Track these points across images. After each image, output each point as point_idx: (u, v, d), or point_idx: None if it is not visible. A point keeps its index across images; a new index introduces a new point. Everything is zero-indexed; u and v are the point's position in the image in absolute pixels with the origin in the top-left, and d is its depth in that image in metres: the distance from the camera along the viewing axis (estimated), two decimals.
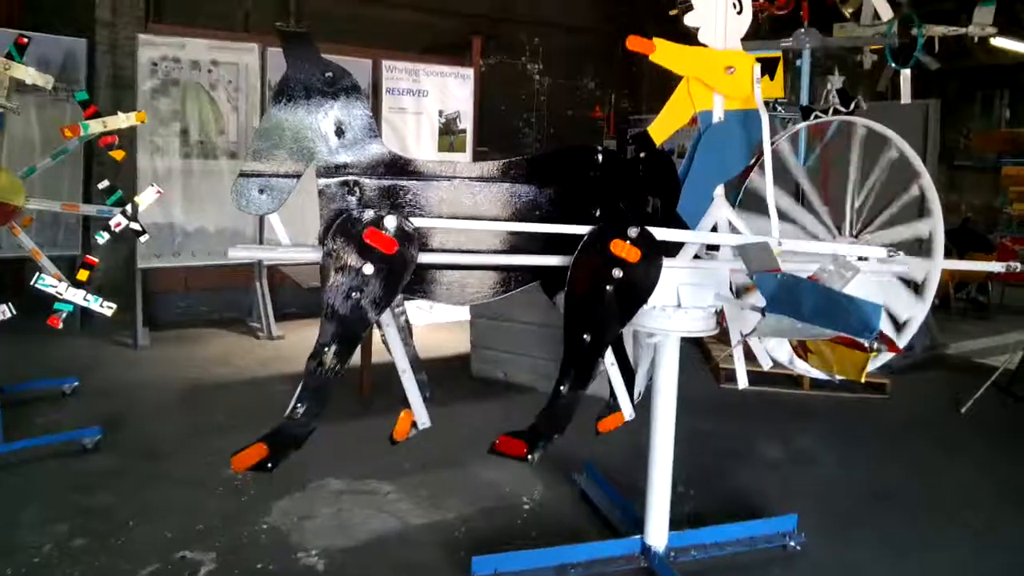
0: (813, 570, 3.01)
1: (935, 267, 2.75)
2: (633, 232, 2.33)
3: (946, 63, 6.00)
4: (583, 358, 2.39)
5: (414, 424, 2.44)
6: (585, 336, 2.36)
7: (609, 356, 2.61)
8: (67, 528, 3.10)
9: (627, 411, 2.69)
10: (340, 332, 2.16)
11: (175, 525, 3.15)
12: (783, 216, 2.95)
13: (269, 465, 2.15)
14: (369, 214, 2.17)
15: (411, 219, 2.25)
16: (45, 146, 5.90)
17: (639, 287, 2.38)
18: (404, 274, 2.19)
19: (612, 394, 2.72)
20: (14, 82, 3.62)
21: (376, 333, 2.47)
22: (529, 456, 2.34)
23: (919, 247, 2.86)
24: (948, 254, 2.77)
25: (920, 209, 2.84)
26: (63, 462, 3.72)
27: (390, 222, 2.16)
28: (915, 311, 2.79)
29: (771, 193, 2.63)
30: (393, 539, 3.13)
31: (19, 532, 3.05)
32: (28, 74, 3.57)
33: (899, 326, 2.80)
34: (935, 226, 2.76)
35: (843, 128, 3.05)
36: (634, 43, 2.35)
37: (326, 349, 2.16)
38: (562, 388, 2.39)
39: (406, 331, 2.49)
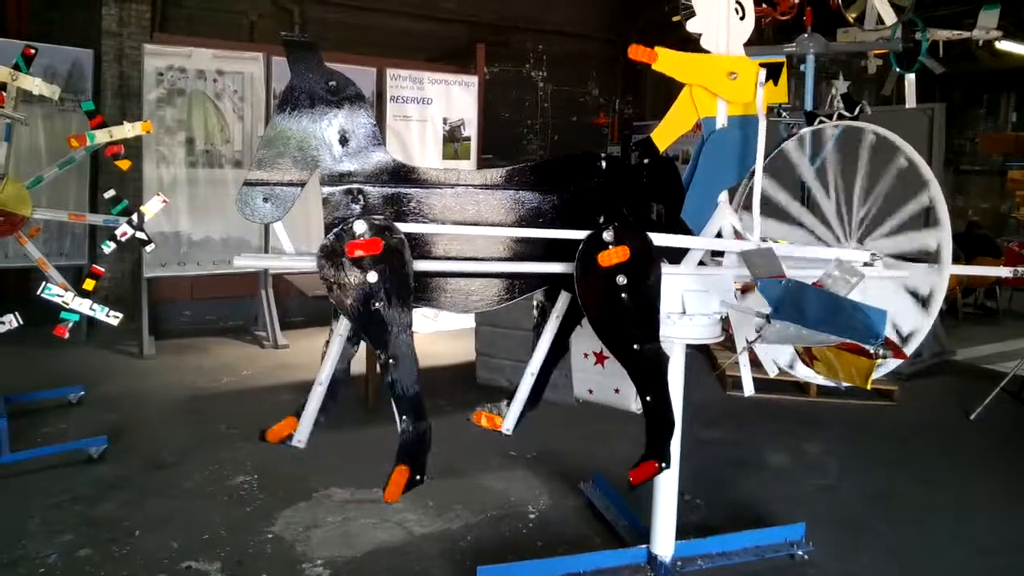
0: None
1: (942, 279, 2.72)
2: (608, 236, 2.30)
3: (951, 67, 6.00)
4: (646, 366, 2.38)
5: (290, 436, 2.38)
6: (635, 346, 2.36)
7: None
8: (73, 538, 3.10)
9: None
10: (387, 339, 2.20)
11: (181, 535, 3.14)
12: (787, 219, 2.95)
13: (418, 477, 2.28)
14: (338, 233, 2.16)
15: (408, 225, 2.26)
16: (52, 156, 5.93)
17: (648, 277, 2.35)
18: (404, 261, 2.20)
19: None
20: (21, 92, 3.64)
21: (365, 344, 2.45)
22: (663, 465, 2.43)
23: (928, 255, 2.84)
24: (955, 259, 2.75)
25: (927, 218, 2.81)
26: (69, 472, 3.72)
27: (359, 227, 2.15)
28: (921, 323, 2.77)
29: (758, 199, 2.62)
30: (398, 549, 3.12)
31: (25, 542, 3.05)
32: (35, 84, 3.59)
33: (904, 338, 2.78)
34: (943, 237, 2.73)
35: (852, 133, 3.04)
36: (636, 52, 2.35)
37: (390, 362, 2.22)
38: (648, 400, 2.41)
39: (353, 346, 2.46)
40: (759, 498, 3.67)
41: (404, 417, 2.25)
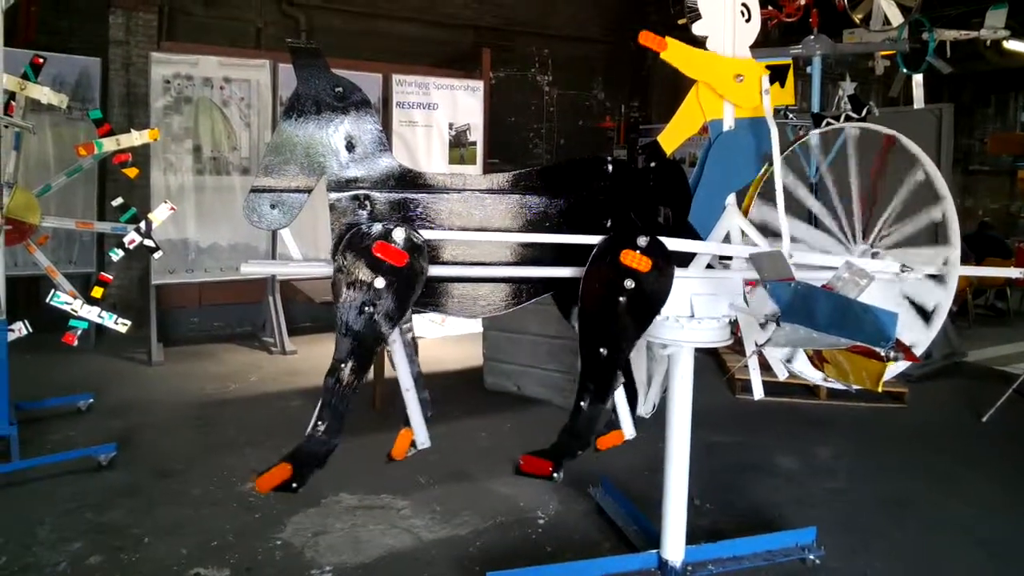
0: None
1: (947, 296, 2.71)
2: (643, 242, 2.31)
3: (959, 67, 5.97)
4: (601, 372, 2.37)
5: (413, 443, 2.40)
6: (601, 350, 2.34)
7: None
8: (82, 545, 3.10)
9: (628, 430, 2.65)
10: (355, 348, 2.16)
11: (190, 542, 3.14)
12: (801, 216, 2.93)
13: (294, 485, 2.16)
14: (378, 228, 2.16)
15: (421, 231, 2.25)
16: (60, 164, 5.96)
17: (652, 297, 2.36)
18: (416, 286, 2.19)
19: (613, 408, 2.69)
20: (30, 101, 3.66)
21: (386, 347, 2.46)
22: (555, 474, 2.33)
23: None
24: (966, 260, 2.73)
25: (937, 230, 2.80)
26: (78, 479, 3.73)
27: (399, 235, 2.15)
28: (920, 337, 2.75)
29: (782, 205, 2.60)
30: (407, 555, 3.11)
31: (35, 549, 3.06)
32: (43, 93, 3.61)
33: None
34: (951, 256, 2.71)
35: (868, 137, 3.01)
36: (646, 39, 2.34)
37: (342, 365, 2.15)
38: (583, 403, 2.38)
39: (412, 348, 2.48)
40: (769, 502, 3.64)
41: (320, 423, 2.16)
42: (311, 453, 2.17)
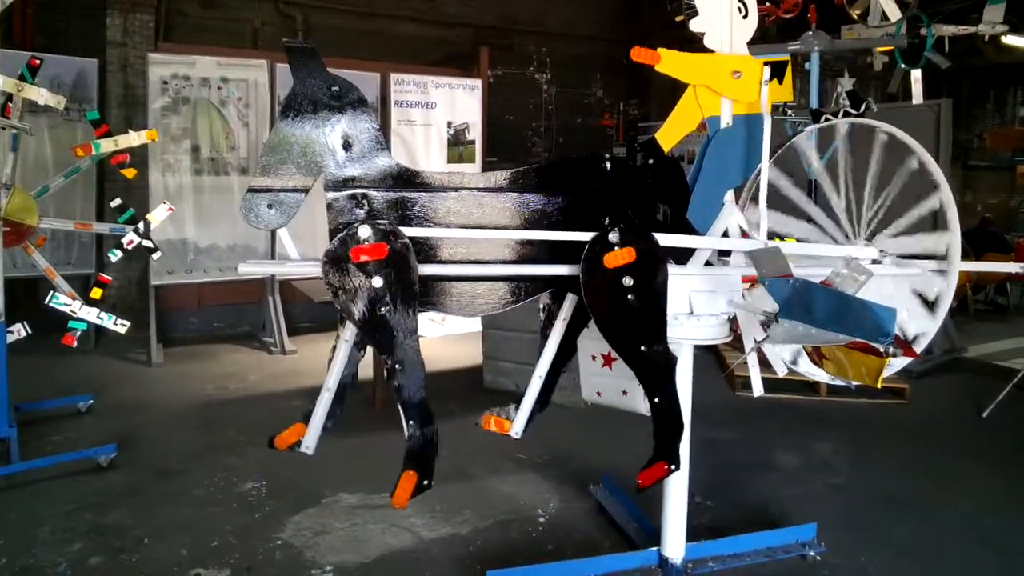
0: None
1: (950, 283, 2.70)
2: (614, 237, 2.29)
3: (957, 63, 5.95)
4: (652, 365, 2.36)
5: (298, 443, 2.40)
6: (642, 348, 2.34)
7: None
8: (82, 546, 3.10)
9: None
10: (396, 344, 2.19)
11: (190, 542, 3.14)
12: (797, 214, 2.93)
13: (425, 483, 2.27)
14: (339, 239, 2.15)
15: (419, 230, 2.25)
16: (58, 166, 5.96)
17: (653, 278, 2.34)
18: (410, 265, 2.19)
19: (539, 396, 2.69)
20: (27, 103, 3.66)
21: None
22: (672, 467, 2.40)
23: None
24: (965, 255, 2.73)
25: (936, 221, 2.79)
26: (78, 480, 3.72)
27: (364, 232, 2.14)
28: (927, 326, 2.74)
29: (763, 199, 2.60)
30: (407, 554, 3.11)
31: (34, 551, 3.06)
32: (40, 95, 3.60)
33: (910, 341, 2.75)
34: (952, 241, 2.70)
35: (863, 131, 3.01)
36: (639, 55, 2.34)
37: (396, 367, 2.20)
38: (656, 402, 2.39)
39: (360, 352, 2.46)
40: (770, 499, 3.64)
41: (411, 422, 2.24)
42: (421, 449, 2.27)
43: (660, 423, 2.40)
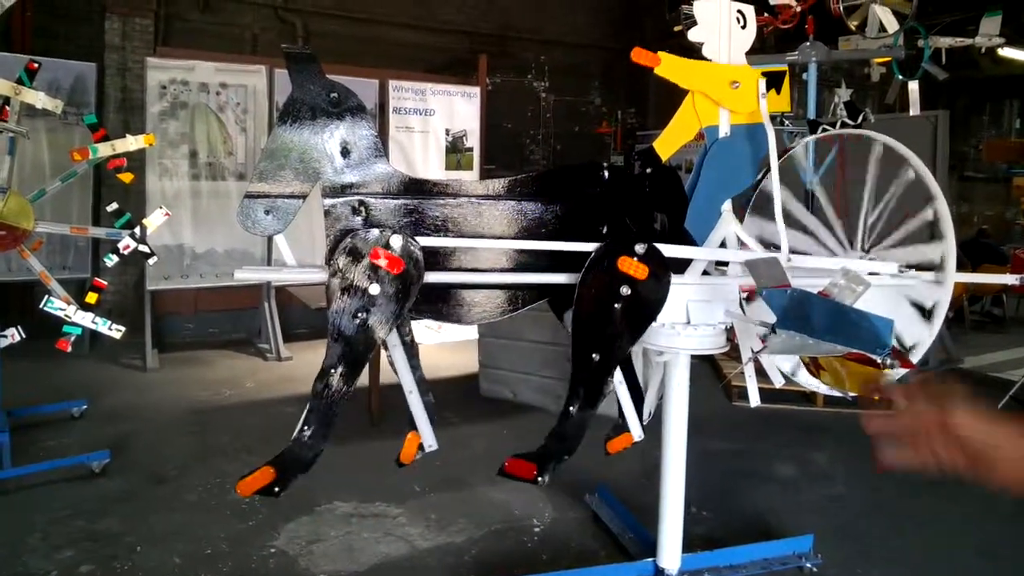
0: None
1: (945, 293, 2.70)
2: (640, 248, 2.30)
3: (954, 74, 5.98)
4: (592, 377, 2.35)
5: (421, 447, 2.40)
6: (594, 355, 2.33)
7: (617, 375, 2.58)
8: (74, 554, 3.07)
9: (636, 432, 2.65)
10: (346, 353, 2.14)
11: (183, 550, 3.12)
12: (795, 225, 2.93)
13: (276, 489, 2.12)
14: (375, 233, 2.15)
15: (416, 238, 2.24)
16: (55, 170, 5.94)
17: (647, 304, 2.35)
18: (410, 293, 2.17)
19: (621, 413, 2.68)
20: (24, 106, 3.65)
21: (384, 353, 2.45)
22: (539, 478, 2.30)
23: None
24: (962, 267, 2.72)
25: (932, 231, 2.79)
26: (71, 486, 3.70)
27: (396, 241, 2.14)
28: (924, 336, 2.74)
29: (779, 210, 2.60)
30: (401, 563, 3.09)
31: (25, 558, 3.03)
32: (38, 99, 3.59)
33: (906, 351, 2.75)
34: (947, 251, 2.70)
35: (859, 143, 3.02)
36: (639, 56, 2.34)
37: (333, 371, 2.13)
38: (571, 408, 2.35)
39: (413, 351, 2.47)
40: (766, 509, 3.63)
41: (307, 427, 2.13)
42: (296, 458, 2.15)
43: (561, 430, 2.36)
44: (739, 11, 2.59)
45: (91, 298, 3.80)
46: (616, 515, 3.36)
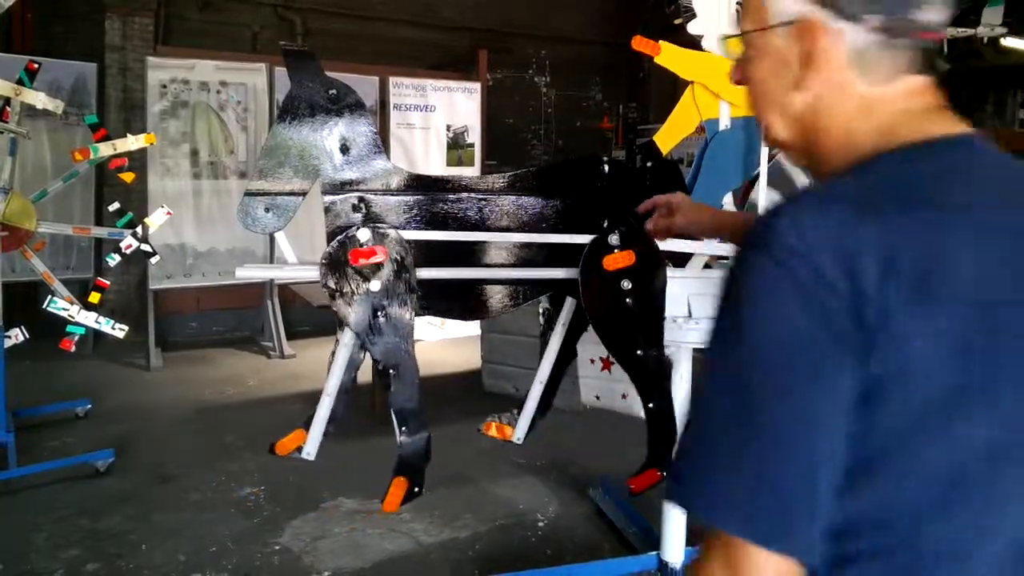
0: None
1: None
2: (615, 239, 2.29)
3: (956, 65, 5.95)
4: (648, 371, 2.37)
5: (299, 448, 2.35)
6: (638, 351, 2.34)
7: (541, 373, 2.63)
8: (79, 552, 3.09)
9: (520, 432, 2.75)
10: (393, 348, 2.20)
11: (188, 548, 3.13)
12: None
13: (416, 490, 2.26)
14: (337, 242, 2.16)
15: (417, 233, 2.25)
16: (56, 170, 5.95)
17: (653, 281, 2.34)
18: (407, 269, 2.18)
19: (521, 407, 2.72)
20: (25, 107, 3.65)
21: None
22: (664, 474, 2.38)
23: None
24: None
25: None
26: (75, 485, 3.71)
27: (363, 235, 2.14)
28: None
29: (763, 203, 2.60)
30: (406, 559, 3.10)
31: (31, 557, 3.05)
32: (39, 99, 3.60)
33: None
34: None
35: None
36: (640, 44, 2.35)
37: (392, 371, 2.20)
38: (651, 406, 2.39)
39: (357, 361, 2.38)
40: None
41: (403, 428, 2.23)
42: (412, 456, 2.26)
43: (654, 428, 2.40)
44: (738, 3, 2.58)
45: (94, 298, 3.82)
46: (620, 509, 3.36)
